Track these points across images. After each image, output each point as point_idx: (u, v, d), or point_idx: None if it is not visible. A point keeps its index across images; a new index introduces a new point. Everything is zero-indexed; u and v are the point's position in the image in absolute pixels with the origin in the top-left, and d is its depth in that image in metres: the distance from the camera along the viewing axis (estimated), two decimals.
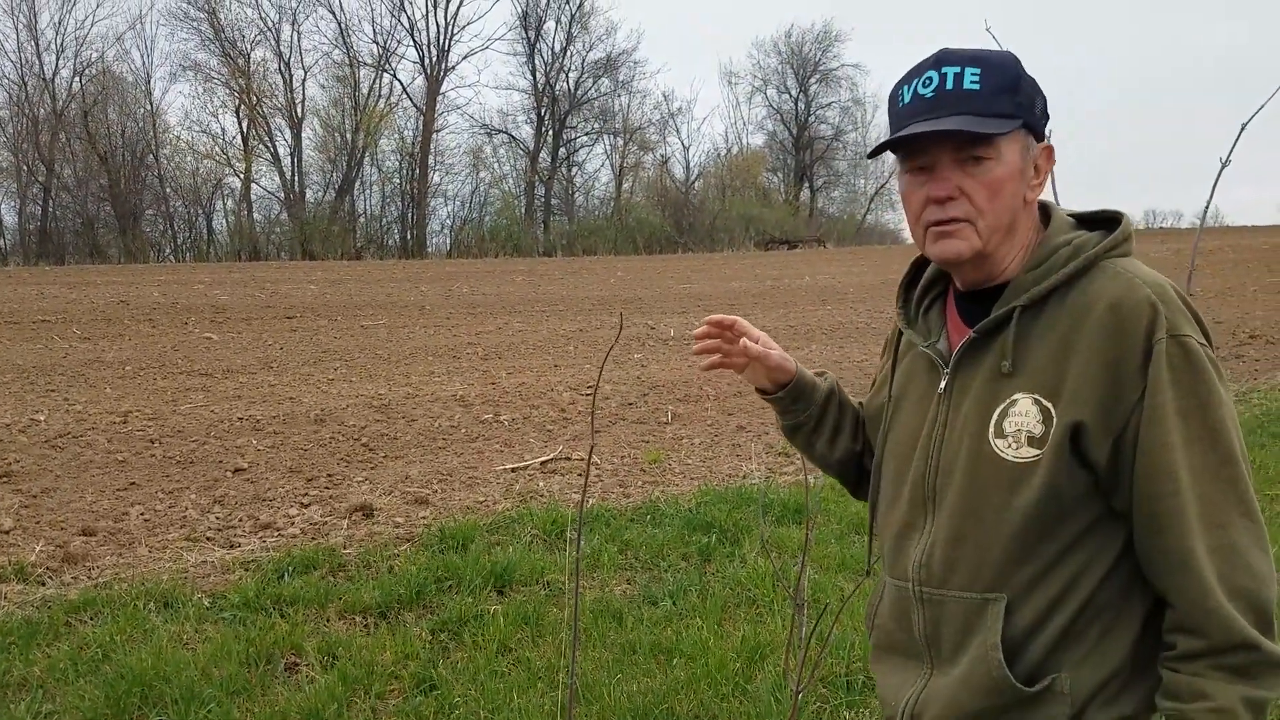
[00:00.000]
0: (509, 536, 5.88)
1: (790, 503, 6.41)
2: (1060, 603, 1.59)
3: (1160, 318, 1.54)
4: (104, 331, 16.39)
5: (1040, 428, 1.57)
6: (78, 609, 4.80)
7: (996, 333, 1.64)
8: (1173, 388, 1.53)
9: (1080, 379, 1.55)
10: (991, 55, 1.65)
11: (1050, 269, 1.62)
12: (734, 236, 53.40)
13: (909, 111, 1.63)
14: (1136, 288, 1.57)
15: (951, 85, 1.61)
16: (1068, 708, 1.59)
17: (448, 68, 54.13)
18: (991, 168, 1.60)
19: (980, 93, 1.60)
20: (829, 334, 16.63)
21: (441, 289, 25.22)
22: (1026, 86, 1.64)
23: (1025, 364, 1.60)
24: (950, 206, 1.62)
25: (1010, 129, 1.61)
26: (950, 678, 1.66)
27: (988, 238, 1.63)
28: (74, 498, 6.87)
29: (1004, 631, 1.60)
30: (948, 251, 1.64)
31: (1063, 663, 1.60)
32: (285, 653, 4.42)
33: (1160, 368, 1.52)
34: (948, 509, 1.66)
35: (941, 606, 1.67)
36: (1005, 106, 1.61)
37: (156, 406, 10.29)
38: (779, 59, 64.38)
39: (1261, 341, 13.90)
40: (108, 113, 46.27)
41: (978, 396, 1.64)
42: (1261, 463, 7.14)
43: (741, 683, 4.08)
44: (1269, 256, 29.75)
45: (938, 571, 1.67)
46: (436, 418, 9.81)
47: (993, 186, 1.61)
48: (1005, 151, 1.61)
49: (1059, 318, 1.59)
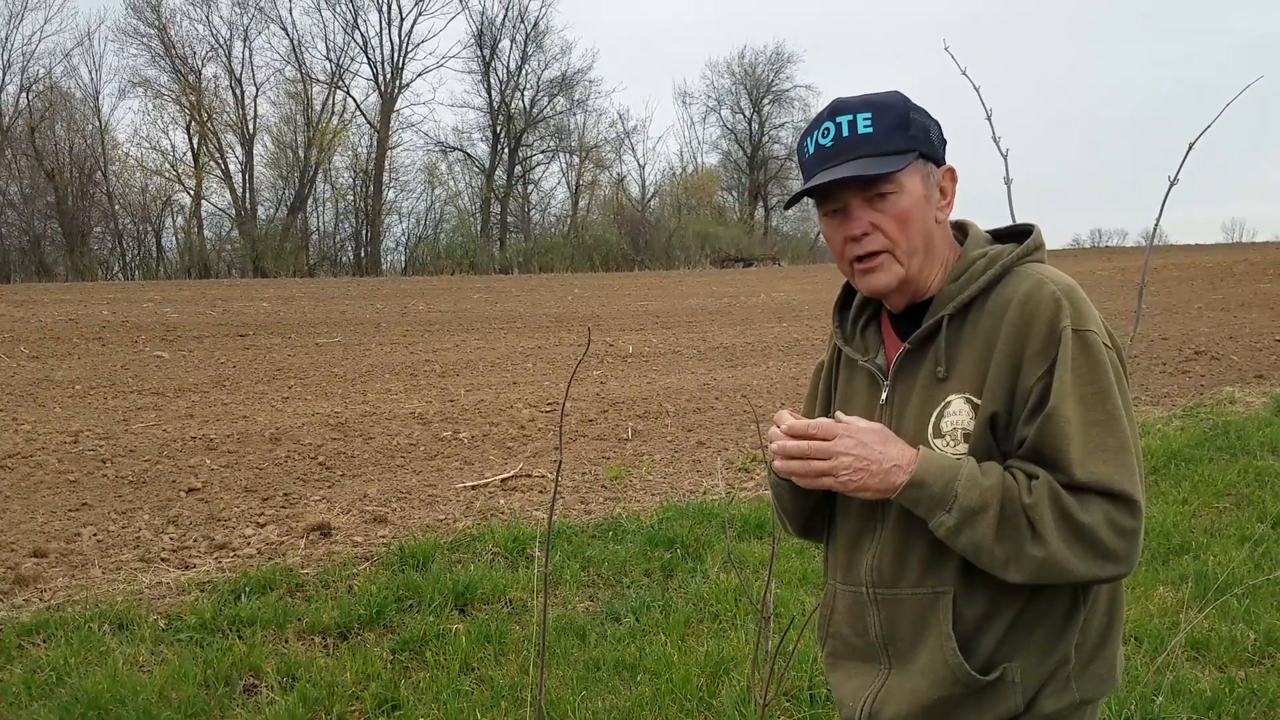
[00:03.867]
0: (470, 555, 5.85)
1: (751, 518, 6.44)
2: (1005, 595, 1.70)
3: (1064, 310, 1.67)
4: (53, 350, 16.10)
5: (973, 424, 1.70)
6: (30, 631, 4.70)
7: (928, 342, 1.77)
8: (1073, 374, 1.64)
9: (996, 373, 1.68)
10: (880, 98, 1.79)
11: (970, 278, 1.76)
12: (690, 254, 53.66)
13: (814, 161, 1.78)
14: (1044, 285, 1.70)
15: (847, 132, 1.75)
16: (1019, 697, 1.70)
17: (402, 85, 54.00)
18: (896, 200, 1.74)
19: (874, 135, 1.74)
20: (786, 350, 16.75)
21: (397, 306, 25.06)
22: (917, 120, 1.77)
23: (955, 367, 1.73)
24: (866, 241, 1.76)
25: (905, 164, 1.73)
26: (909, 673, 1.77)
27: (907, 262, 1.76)
28: (24, 519, 6.73)
29: (954, 624, 1.71)
30: (876, 284, 1.79)
31: (1012, 654, 1.71)
32: (244, 674, 4.37)
33: (1065, 354, 1.64)
34: (895, 511, 1.76)
35: (895, 605, 1.78)
36: (898, 143, 1.74)
37: (108, 426, 10.12)
38: (732, 79, 65.00)
39: (1206, 358, 14.17)
40: (55, 129, 45.56)
41: (916, 402, 1.76)
42: (1209, 476, 7.29)
43: (706, 698, 4.09)
44: (1212, 274, 30.39)
45: (890, 572, 1.78)
46: (394, 436, 9.74)
47: (901, 217, 1.75)
48: (906, 183, 1.75)
49: (981, 321, 1.73)
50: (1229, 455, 7.95)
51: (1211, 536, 5.93)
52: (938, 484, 1.64)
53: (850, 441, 1.68)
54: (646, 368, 15.03)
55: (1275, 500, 6.58)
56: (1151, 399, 10.97)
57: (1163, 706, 3.84)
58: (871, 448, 1.68)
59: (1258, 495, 6.80)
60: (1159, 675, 4.01)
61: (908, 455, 1.68)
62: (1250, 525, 6.16)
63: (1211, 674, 4.23)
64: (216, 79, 50.24)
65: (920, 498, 1.66)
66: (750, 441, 9.24)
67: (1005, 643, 1.70)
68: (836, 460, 1.68)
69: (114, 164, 47.50)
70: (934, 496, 1.64)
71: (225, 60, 50.03)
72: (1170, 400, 10.85)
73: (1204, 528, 6.11)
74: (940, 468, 1.65)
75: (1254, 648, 4.45)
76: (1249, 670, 4.27)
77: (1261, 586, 5.02)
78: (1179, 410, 10.19)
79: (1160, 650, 4.18)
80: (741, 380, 13.31)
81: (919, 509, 1.67)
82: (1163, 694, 3.92)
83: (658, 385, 13.02)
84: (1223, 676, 4.18)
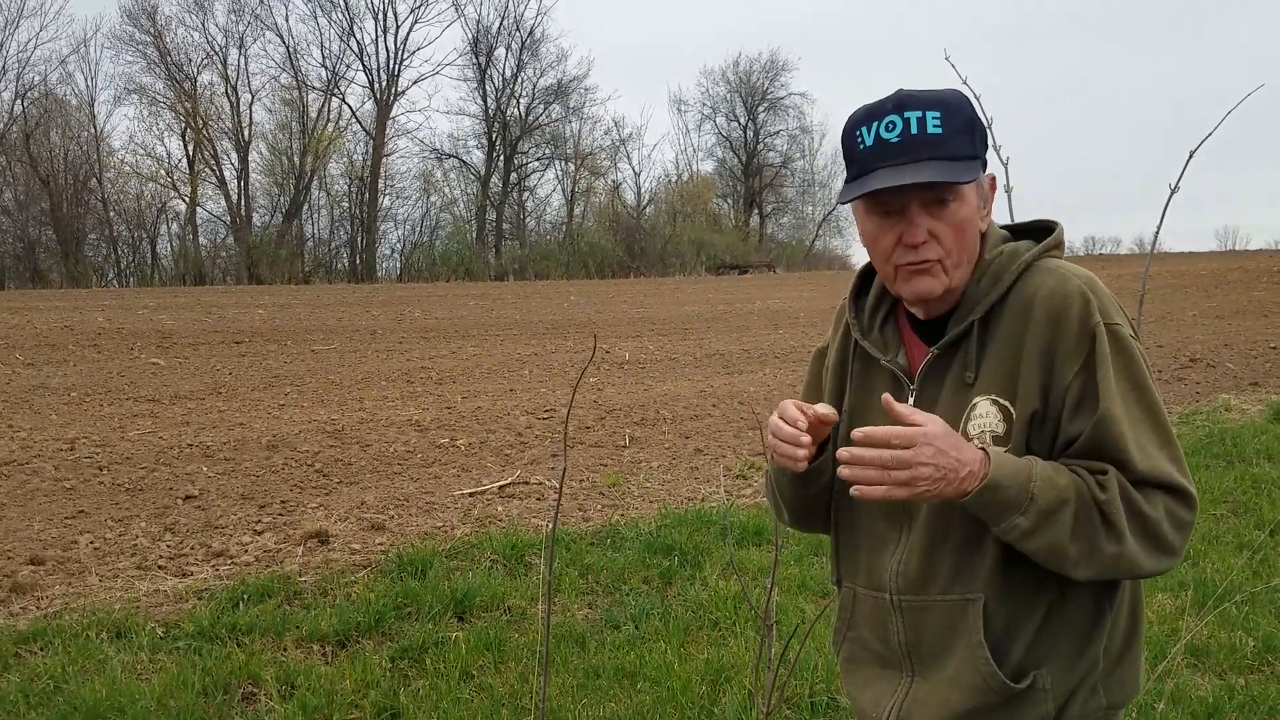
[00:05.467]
0: (468, 562, 5.84)
1: (750, 525, 6.43)
2: (1033, 601, 1.67)
3: (1092, 305, 1.65)
4: (48, 357, 16.05)
5: (1002, 425, 1.66)
6: (27, 640, 4.68)
7: (955, 346, 1.72)
8: (1115, 372, 1.63)
9: (1028, 372, 1.65)
10: (950, 96, 1.70)
11: (994, 277, 1.72)
12: (685, 261, 53.72)
13: (873, 155, 1.67)
14: (1068, 279, 1.67)
15: (916, 130, 1.65)
16: (1051, 704, 1.67)
17: (398, 92, 54.09)
18: (957, 210, 1.68)
19: (944, 137, 1.65)
20: (782, 358, 16.75)
21: (393, 313, 25.03)
22: (979, 123, 1.72)
23: (981, 370, 1.69)
24: (924, 250, 1.68)
25: (978, 174, 1.70)
26: (936, 681, 1.72)
27: (953, 274, 1.70)
28: (21, 526, 6.71)
29: (985, 631, 1.67)
30: (921, 290, 1.70)
31: (1042, 660, 1.68)
32: (242, 682, 4.35)
33: (1103, 349, 1.63)
34: (923, 518, 1.72)
35: (922, 613, 1.73)
36: (967, 149, 1.68)
37: (104, 433, 10.09)
38: (728, 87, 65.18)
39: (1202, 365, 14.21)
40: (50, 136, 45.53)
41: (945, 407, 1.70)
42: (1206, 484, 7.29)
43: (707, 705, 4.08)
44: (1206, 282, 30.46)
45: (916, 579, 1.73)
46: (391, 443, 9.72)
47: (959, 228, 1.68)
48: (966, 192, 1.69)
49: (1006, 320, 1.69)
50: (1226, 463, 7.96)
51: (1209, 544, 5.93)
52: (1013, 486, 1.57)
53: (930, 450, 1.56)
54: (643, 375, 15.02)
55: (1272, 507, 6.59)
56: None
57: (1164, 713, 3.85)
58: (949, 455, 1.56)
59: (1255, 503, 6.81)
60: (1160, 682, 4.01)
61: (978, 458, 1.58)
62: (1248, 532, 6.17)
63: (1212, 681, 4.23)
64: (212, 86, 50.36)
65: (993, 501, 1.57)
66: (749, 448, 9.24)
67: (1035, 649, 1.67)
68: (915, 470, 1.56)
69: (109, 171, 47.63)
70: (1008, 500, 1.57)
71: (221, 67, 50.18)
72: (1166, 407, 10.79)
73: (1202, 535, 6.11)
74: (1014, 469, 1.58)
75: (1253, 654, 4.45)
76: (1249, 677, 4.27)
77: (1261, 594, 5.03)
78: (1175, 417, 10.20)
79: (1161, 657, 4.18)
80: (738, 387, 13.31)
81: (987, 512, 1.59)
82: (1164, 701, 3.92)
83: (655, 392, 13.01)
84: (1223, 684, 4.18)
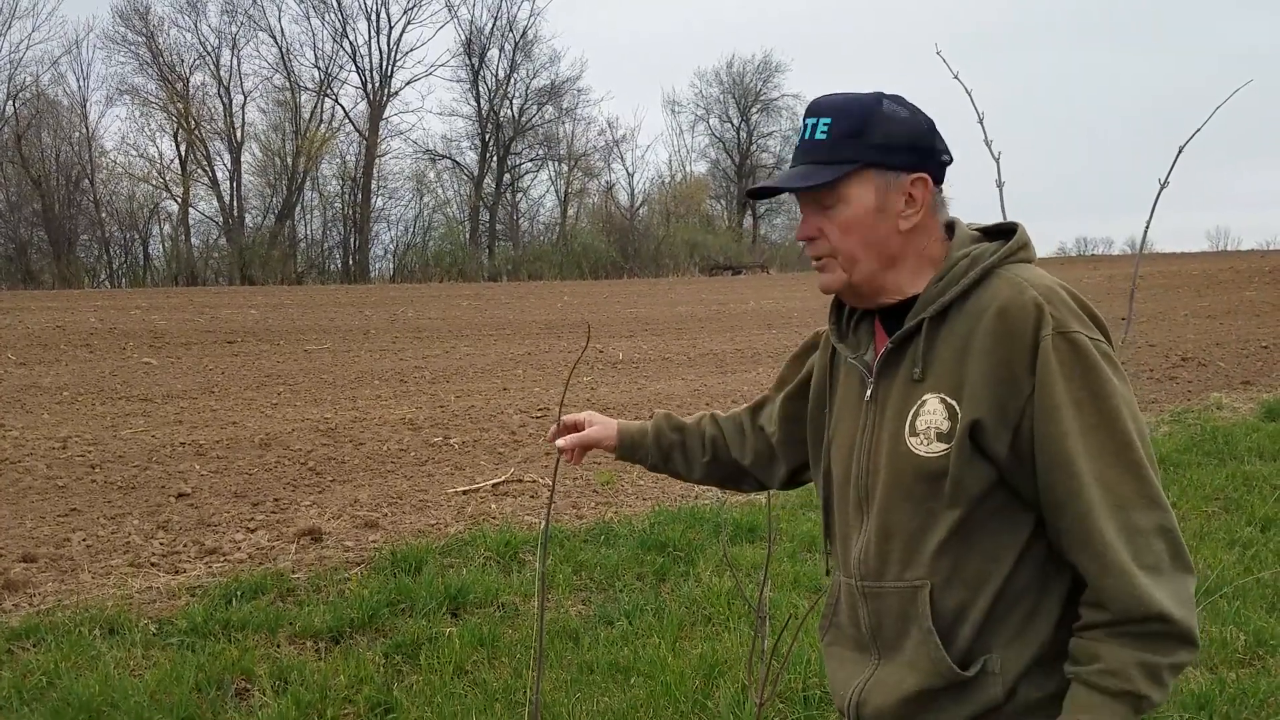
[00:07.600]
0: (462, 559, 5.85)
1: (743, 522, 6.45)
2: (979, 587, 1.71)
3: (1045, 317, 1.64)
4: (40, 357, 16.01)
5: (947, 424, 1.69)
6: (20, 636, 4.68)
7: (909, 342, 1.77)
8: (1063, 380, 1.63)
9: (977, 379, 1.67)
10: (847, 102, 1.76)
11: (952, 280, 1.74)
12: (679, 262, 53.71)
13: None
14: (1024, 290, 1.68)
15: (807, 135, 1.77)
16: (1000, 687, 1.70)
17: (390, 93, 53.92)
18: (840, 211, 1.76)
19: (825, 142, 1.74)
20: (775, 357, 16.77)
21: (386, 313, 25.01)
22: (878, 127, 1.73)
23: (932, 368, 1.73)
24: (811, 246, 1.80)
25: (837, 175, 1.73)
26: (896, 664, 1.79)
27: (850, 270, 1.77)
28: (13, 524, 6.70)
29: (933, 616, 1.72)
30: (822, 283, 1.83)
31: (991, 644, 1.71)
32: (236, 678, 4.35)
33: (1049, 363, 1.63)
34: (877, 506, 1.78)
35: (880, 599, 1.80)
36: (845, 153, 1.73)
37: (96, 432, 10.08)
38: (721, 88, 65.06)
39: (1194, 364, 14.25)
40: (42, 136, 45.31)
41: (896, 401, 1.77)
42: (1197, 481, 7.33)
43: (701, 699, 4.10)
44: (1198, 281, 30.53)
45: (874, 566, 1.80)
46: (385, 441, 9.72)
47: (844, 227, 1.76)
48: (851, 194, 1.74)
49: (959, 323, 1.71)
50: (1217, 460, 8.00)
51: (1201, 540, 5.96)
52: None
53: None
54: (637, 374, 15.03)
55: (1263, 504, 6.62)
56: (1139, 405, 11.00)
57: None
58: None
59: (1246, 499, 6.85)
60: None
61: None
62: (1239, 528, 6.21)
63: (1203, 674, 4.25)
64: (204, 87, 50.07)
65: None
66: None
67: (984, 632, 1.71)
68: None
69: (101, 172, 47.30)
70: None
71: (213, 68, 49.87)
72: (1159, 406, 10.90)
73: (1193, 531, 6.14)
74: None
75: (1244, 648, 4.48)
76: (1239, 671, 4.30)
77: (1251, 588, 5.06)
78: (1167, 416, 10.24)
79: None
80: (731, 386, 13.32)
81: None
82: None
83: (648, 391, 13.02)
84: (1214, 677, 4.21)
